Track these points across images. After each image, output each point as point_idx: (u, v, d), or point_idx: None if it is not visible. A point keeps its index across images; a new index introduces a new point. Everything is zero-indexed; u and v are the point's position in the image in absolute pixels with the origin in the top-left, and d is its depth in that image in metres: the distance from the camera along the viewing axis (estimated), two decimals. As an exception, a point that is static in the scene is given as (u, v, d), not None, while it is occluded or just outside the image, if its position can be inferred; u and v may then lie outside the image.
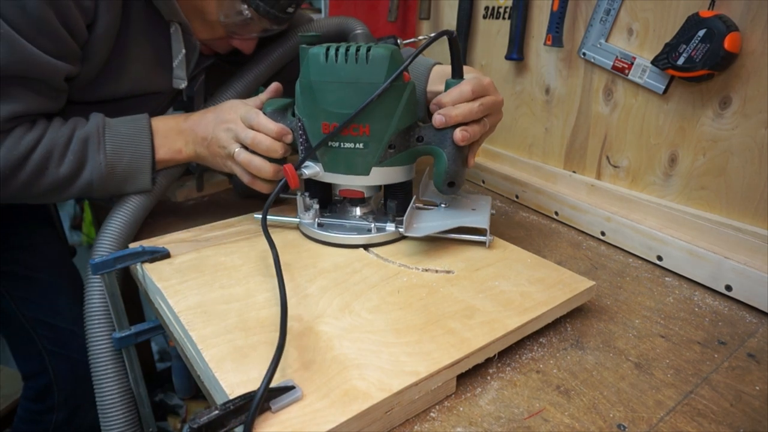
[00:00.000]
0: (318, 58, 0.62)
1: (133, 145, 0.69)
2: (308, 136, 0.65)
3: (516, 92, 0.97)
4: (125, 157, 0.69)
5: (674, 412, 0.46)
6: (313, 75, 0.62)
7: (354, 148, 0.64)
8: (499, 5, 0.95)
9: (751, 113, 0.63)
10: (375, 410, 0.42)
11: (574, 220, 0.83)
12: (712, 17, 0.62)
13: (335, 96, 0.62)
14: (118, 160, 0.69)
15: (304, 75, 0.63)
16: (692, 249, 0.67)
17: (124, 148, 0.69)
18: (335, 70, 0.61)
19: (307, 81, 0.63)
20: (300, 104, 0.65)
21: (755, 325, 0.59)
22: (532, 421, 0.45)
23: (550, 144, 0.92)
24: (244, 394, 0.40)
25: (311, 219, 0.69)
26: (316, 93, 0.63)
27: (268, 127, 0.66)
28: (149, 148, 0.70)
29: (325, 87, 0.62)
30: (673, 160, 0.73)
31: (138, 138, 0.69)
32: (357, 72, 0.61)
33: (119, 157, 0.69)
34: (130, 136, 0.69)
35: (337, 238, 0.67)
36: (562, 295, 0.56)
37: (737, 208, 0.67)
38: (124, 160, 0.69)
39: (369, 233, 0.67)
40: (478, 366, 0.49)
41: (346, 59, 0.61)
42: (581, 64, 0.83)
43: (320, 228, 0.68)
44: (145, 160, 0.70)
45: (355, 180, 0.66)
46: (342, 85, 0.61)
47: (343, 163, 0.65)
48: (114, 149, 0.69)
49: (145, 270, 0.61)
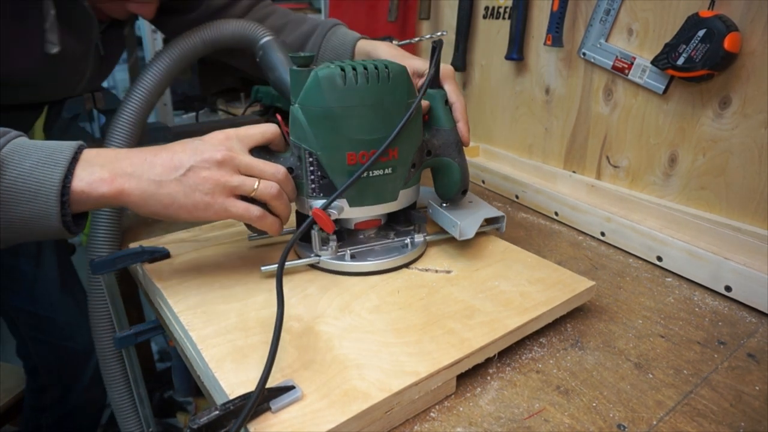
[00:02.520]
0: (334, 81, 0.54)
1: (36, 168, 0.46)
2: (326, 172, 0.57)
3: (516, 92, 0.97)
4: (16, 179, 0.46)
5: (674, 412, 0.46)
6: (330, 101, 0.55)
7: (383, 175, 0.58)
8: (499, 5, 0.95)
9: (751, 113, 0.63)
10: (375, 410, 0.42)
11: (574, 221, 0.83)
12: (712, 17, 0.62)
13: (360, 121, 0.56)
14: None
15: (315, 102, 0.55)
16: (692, 249, 0.67)
17: (15, 168, 0.46)
18: (357, 92, 0.55)
19: (322, 109, 0.55)
20: (310, 137, 0.56)
21: (755, 325, 0.59)
22: (532, 421, 0.45)
23: (550, 144, 0.92)
24: (244, 394, 0.40)
25: (332, 253, 0.61)
26: (338, 121, 0.55)
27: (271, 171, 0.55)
28: (59, 173, 0.46)
29: (348, 113, 0.55)
30: (673, 160, 0.73)
31: (47, 160, 0.47)
32: (380, 92, 0.56)
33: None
34: (37, 157, 0.47)
35: (377, 264, 0.61)
36: (562, 295, 0.56)
37: (737, 208, 0.67)
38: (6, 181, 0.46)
39: (405, 249, 0.63)
40: (478, 366, 0.49)
41: (368, 79, 0.55)
42: (581, 64, 0.83)
43: (355, 259, 0.61)
44: (47, 189, 0.46)
45: (382, 208, 0.61)
46: (366, 108, 0.55)
47: (373, 193, 0.59)
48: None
49: (145, 270, 0.61)
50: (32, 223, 0.47)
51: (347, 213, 0.59)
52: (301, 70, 0.56)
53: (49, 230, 0.47)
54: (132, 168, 0.50)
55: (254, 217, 0.54)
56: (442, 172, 0.65)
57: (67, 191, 0.47)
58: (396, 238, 0.65)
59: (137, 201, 0.50)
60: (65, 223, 0.47)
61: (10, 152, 0.46)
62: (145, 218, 0.85)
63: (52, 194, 0.46)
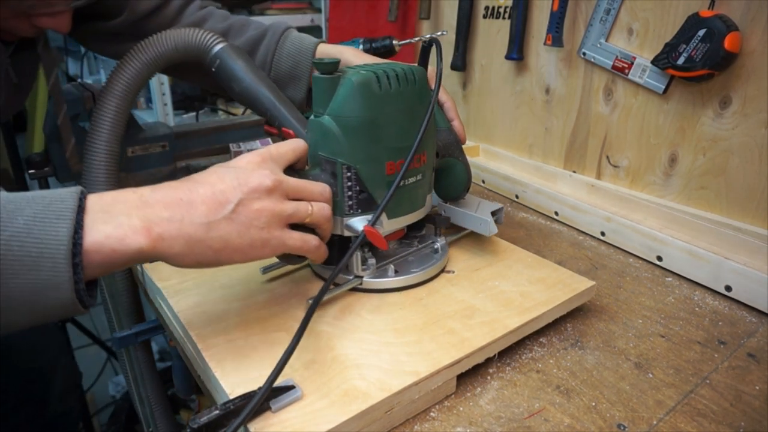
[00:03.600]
0: (370, 88, 0.51)
1: (34, 225, 0.36)
2: (365, 185, 0.53)
3: (516, 92, 0.97)
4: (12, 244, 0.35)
5: (674, 411, 0.46)
6: (368, 109, 0.51)
7: (416, 182, 0.56)
8: (499, 5, 0.95)
9: (751, 113, 0.63)
10: (375, 410, 0.42)
11: (574, 220, 0.83)
12: (712, 17, 0.62)
13: (396, 128, 0.53)
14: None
15: (352, 111, 0.51)
16: (692, 249, 0.67)
17: (5, 227, 0.35)
18: (392, 98, 0.52)
19: (361, 118, 0.51)
20: (347, 149, 0.52)
21: (755, 325, 0.59)
22: (532, 420, 0.45)
23: (550, 144, 0.92)
24: (244, 394, 0.40)
25: (371, 271, 0.57)
26: (376, 130, 0.52)
27: (318, 191, 0.50)
28: (66, 228, 0.36)
29: (385, 120, 0.52)
30: (673, 160, 0.73)
31: (46, 213, 0.37)
32: (411, 96, 0.54)
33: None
34: (32, 211, 0.36)
35: (421, 275, 0.58)
36: (562, 295, 0.56)
37: (737, 208, 0.67)
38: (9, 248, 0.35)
39: (437, 255, 0.61)
40: (478, 366, 0.49)
41: (399, 83, 0.52)
42: (581, 64, 0.83)
43: (398, 274, 0.57)
44: (52, 249, 0.36)
45: (414, 216, 0.59)
46: (400, 114, 0.53)
47: (408, 201, 0.57)
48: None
49: (145, 270, 0.61)
50: (35, 297, 0.36)
51: (387, 225, 0.56)
52: (327, 78, 0.52)
53: (57, 304, 0.36)
54: (168, 212, 0.41)
55: (312, 247, 0.48)
56: (447, 172, 0.65)
57: (78, 250, 0.36)
58: (419, 244, 0.63)
59: (181, 251, 0.41)
60: (78, 293, 0.36)
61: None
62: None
63: (61, 255, 0.35)
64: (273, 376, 0.40)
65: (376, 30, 1.29)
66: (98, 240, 0.37)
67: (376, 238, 0.51)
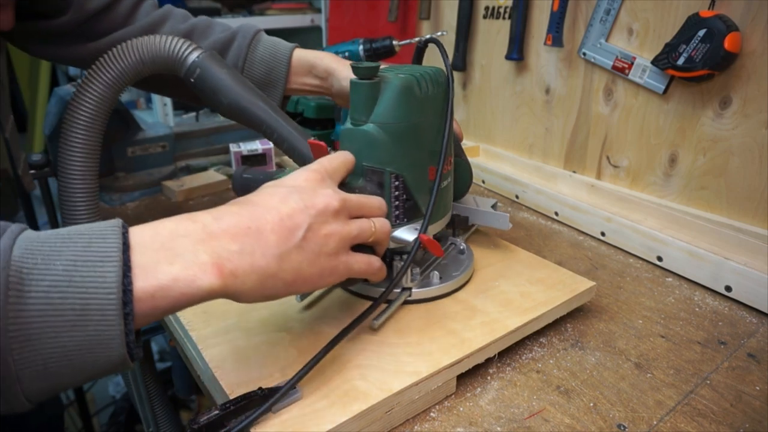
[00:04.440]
0: (413, 92, 0.50)
1: (75, 270, 0.30)
2: (411, 193, 0.52)
3: (516, 92, 0.97)
4: (50, 304, 0.29)
5: (674, 412, 0.46)
6: (412, 114, 0.50)
7: (448, 184, 0.56)
8: (499, 5, 0.95)
9: (752, 113, 0.63)
10: (375, 410, 0.42)
11: (575, 221, 0.83)
12: (712, 17, 0.62)
13: (434, 132, 0.53)
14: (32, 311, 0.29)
15: (399, 117, 0.49)
16: (692, 250, 0.67)
17: (43, 275, 0.30)
18: (430, 101, 0.51)
19: (407, 124, 0.50)
20: (394, 157, 0.50)
21: (755, 326, 0.59)
22: (532, 421, 0.45)
23: (550, 144, 0.92)
24: (244, 394, 0.40)
25: (418, 281, 0.55)
26: (420, 134, 0.51)
27: (377, 205, 0.47)
28: (114, 272, 0.31)
29: (426, 124, 0.52)
30: (673, 161, 0.73)
31: (87, 254, 0.31)
32: (442, 99, 0.53)
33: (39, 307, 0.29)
34: (71, 253, 0.31)
35: (463, 278, 0.57)
36: (562, 295, 0.56)
37: (737, 208, 0.67)
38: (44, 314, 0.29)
39: (465, 255, 0.61)
40: (478, 366, 0.49)
41: (433, 85, 0.52)
42: (581, 64, 0.83)
43: (443, 280, 0.56)
44: (100, 299, 0.30)
45: (446, 220, 0.58)
46: (436, 116, 0.52)
47: (443, 205, 0.56)
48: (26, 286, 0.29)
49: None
50: (80, 357, 0.30)
51: (429, 231, 0.53)
52: (368, 83, 0.49)
53: (104, 363, 0.31)
54: (238, 244, 0.36)
55: (375, 269, 0.46)
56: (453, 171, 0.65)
57: (129, 298, 0.31)
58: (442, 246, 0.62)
59: (253, 287, 0.37)
60: (128, 346, 0.31)
61: (27, 253, 0.30)
62: (144, 217, 0.85)
63: (110, 306, 0.30)
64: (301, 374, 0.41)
65: (376, 30, 1.29)
66: (164, 284, 0.32)
67: (433, 245, 0.49)
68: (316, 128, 1.10)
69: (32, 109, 2.04)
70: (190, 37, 0.67)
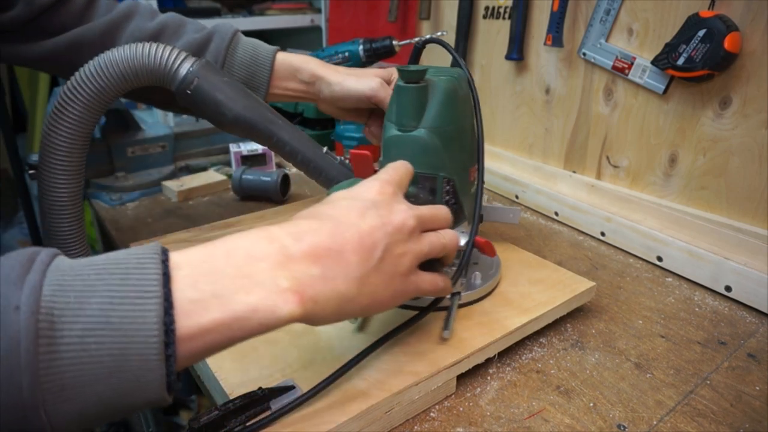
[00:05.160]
0: (458, 95, 0.49)
1: (112, 309, 0.27)
2: (458, 196, 0.52)
3: (516, 92, 0.97)
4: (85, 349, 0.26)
5: (674, 412, 0.46)
6: (459, 117, 0.49)
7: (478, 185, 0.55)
8: (499, 5, 0.95)
9: (752, 113, 0.63)
10: (375, 410, 0.42)
11: (575, 221, 0.83)
12: (712, 17, 0.62)
13: (472, 133, 0.52)
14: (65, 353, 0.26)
15: (448, 121, 0.48)
16: (692, 250, 0.67)
17: (77, 316, 0.27)
18: (467, 103, 0.51)
19: (456, 127, 0.49)
20: (446, 162, 0.49)
21: (755, 326, 0.59)
22: (532, 421, 0.45)
23: (550, 144, 0.92)
24: (244, 394, 0.40)
25: (465, 285, 0.54)
26: (464, 136, 0.51)
27: (445, 216, 0.44)
28: (154, 309, 0.27)
29: (467, 126, 0.51)
30: (673, 161, 0.73)
31: (124, 288, 0.28)
32: (468, 96, 0.52)
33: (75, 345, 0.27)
34: (106, 288, 0.28)
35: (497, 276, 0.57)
36: (562, 295, 0.56)
37: (737, 208, 0.67)
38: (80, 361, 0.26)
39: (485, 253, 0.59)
40: (478, 366, 0.49)
41: (467, 86, 0.51)
42: (581, 64, 0.83)
43: (484, 280, 0.55)
44: (139, 343, 0.27)
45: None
46: (471, 118, 0.51)
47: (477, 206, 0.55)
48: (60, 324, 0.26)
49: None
50: (117, 401, 0.28)
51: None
52: (417, 87, 0.47)
53: (141, 403, 0.29)
54: (319, 267, 0.34)
55: (442, 288, 0.44)
56: None
57: (171, 338, 0.28)
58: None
59: (331, 313, 0.35)
60: (168, 386, 0.29)
61: (59, 290, 0.27)
62: (144, 218, 0.85)
63: (151, 350, 0.27)
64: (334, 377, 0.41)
65: (376, 30, 1.29)
66: (242, 315, 0.30)
67: (489, 246, 0.47)
68: (316, 128, 1.10)
69: (32, 109, 2.04)
70: (160, 37, 0.62)
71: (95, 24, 0.60)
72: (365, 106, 0.67)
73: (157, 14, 0.64)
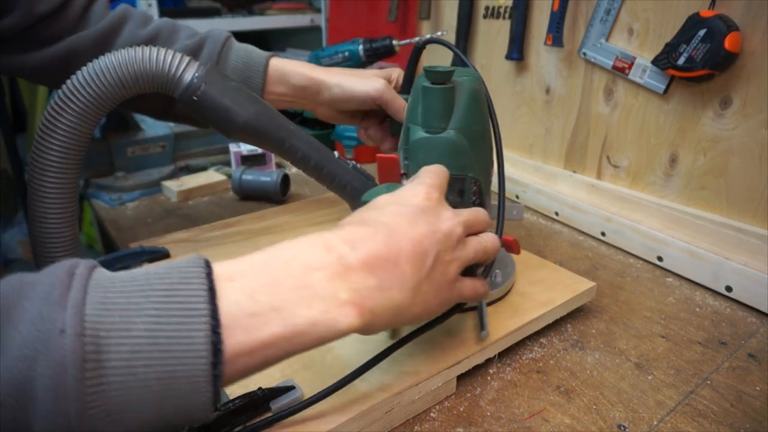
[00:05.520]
0: (482, 94, 0.49)
1: (159, 330, 0.26)
2: (483, 197, 0.52)
3: (516, 92, 0.97)
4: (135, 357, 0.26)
5: (675, 412, 0.46)
6: (483, 117, 0.50)
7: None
8: (499, 5, 0.95)
9: (752, 113, 0.63)
10: (375, 410, 0.42)
11: (575, 220, 0.83)
12: (713, 17, 0.62)
13: (490, 132, 0.52)
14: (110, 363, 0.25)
15: (475, 122, 0.48)
16: (693, 250, 0.67)
17: (122, 338, 0.26)
18: (485, 102, 0.50)
19: (481, 127, 0.49)
20: (474, 163, 0.49)
21: (756, 326, 0.59)
22: (532, 421, 0.45)
23: (550, 144, 0.92)
24: (244, 394, 0.40)
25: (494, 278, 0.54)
26: (487, 136, 0.51)
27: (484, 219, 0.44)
28: (203, 333, 0.26)
29: (488, 125, 0.51)
30: (673, 161, 0.73)
31: (170, 306, 0.27)
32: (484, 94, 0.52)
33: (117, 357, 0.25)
34: (155, 310, 0.27)
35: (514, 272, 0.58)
36: (562, 295, 0.56)
37: (738, 208, 0.67)
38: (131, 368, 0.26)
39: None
40: (478, 366, 0.49)
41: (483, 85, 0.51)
42: (581, 64, 0.83)
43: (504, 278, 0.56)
44: (188, 365, 0.26)
45: None
46: (488, 116, 0.51)
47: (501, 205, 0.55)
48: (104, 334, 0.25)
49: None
50: (162, 423, 0.27)
51: None
52: (445, 88, 0.46)
53: (185, 423, 0.28)
54: (376, 278, 0.33)
55: (482, 292, 0.43)
56: None
57: (219, 358, 0.27)
58: None
59: (386, 323, 0.34)
60: (214, 405, 0.28)
61: (103, 310, 0.25)
62: (144, 217, 0.85)
63: (200, 372, 0.26)
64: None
65: (376, 30, 1.29)
66: (303, 329, 0.29)
67: (516, 244, 0.47)
68: (315, 128, 1.10)
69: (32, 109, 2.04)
70: (153, 43, 0.59)
71: (88, 32, 0.58)
72: (368, 107, 0.67)
73: (150, 20, 0.63)
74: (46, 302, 0.25)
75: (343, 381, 0.41)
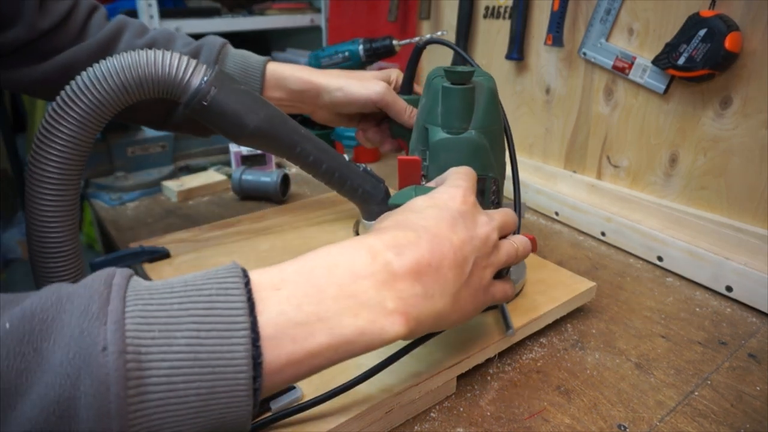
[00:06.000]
0: (497, 93, 0.49)
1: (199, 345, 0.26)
2: (500, 196, 0.53)
3: (516, 92, 0.97)
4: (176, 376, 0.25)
5: (675, 412, 0.46)
6: (501, 116, 0.50)
7: None
8: (499, 5, 0.95)
9: (752, 113, 0.63)
10: (375, 410, 0.42)
11: (575, 220, 0.83)
12: (713, 17, 0.62)
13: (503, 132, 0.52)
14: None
15: (494, 121, 0.48)
16: (693, 250, 0.67)
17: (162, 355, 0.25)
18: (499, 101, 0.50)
19: (499, 127, 0.50)
20: (494, 162, 0.49)
21: (756, 326, 0.59)
22: (532, 421, 0.45)
23: (550, 144, 0.92)
24: (244, 395, 0.40)
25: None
26: (503, 135, 0.51)
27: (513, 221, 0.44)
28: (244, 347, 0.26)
29: (502, 125, 0.51)
30: (673, 160, 0.73)
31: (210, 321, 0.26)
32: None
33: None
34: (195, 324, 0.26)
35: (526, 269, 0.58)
36: (562, 296, 0.56)
37: (738, 208, 0.67)
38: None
39: None
40: (478, 366, 0.49)
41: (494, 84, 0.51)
42: (581, 64, 0.83)
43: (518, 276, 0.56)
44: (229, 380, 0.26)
45: None
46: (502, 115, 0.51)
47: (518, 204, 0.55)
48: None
49: (145, 270, 0.61)
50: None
51: None
52: (465, 89, 0.46)
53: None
54: (421, 285, 0.33)
55: (510, 294, 0.43)
56: None
57: (259, 371, 0.27)
58: None
59: (426, 330, 0.34)
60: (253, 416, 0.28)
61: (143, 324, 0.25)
62: (144, 217, 0.85)
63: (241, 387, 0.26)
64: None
65: (376, 30, 1.29)
66: (350, 338, 0.29)
67: (534, 243, 0.47)
68: (315, 128, 1.10)
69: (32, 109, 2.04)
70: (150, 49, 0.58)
71: (86, 44, 0.57)
72: (369, 111, 0.67)
73: (146, 30, 0.62)
74: (87, 317, 0.24)
75: (349, 384, 0.41)
